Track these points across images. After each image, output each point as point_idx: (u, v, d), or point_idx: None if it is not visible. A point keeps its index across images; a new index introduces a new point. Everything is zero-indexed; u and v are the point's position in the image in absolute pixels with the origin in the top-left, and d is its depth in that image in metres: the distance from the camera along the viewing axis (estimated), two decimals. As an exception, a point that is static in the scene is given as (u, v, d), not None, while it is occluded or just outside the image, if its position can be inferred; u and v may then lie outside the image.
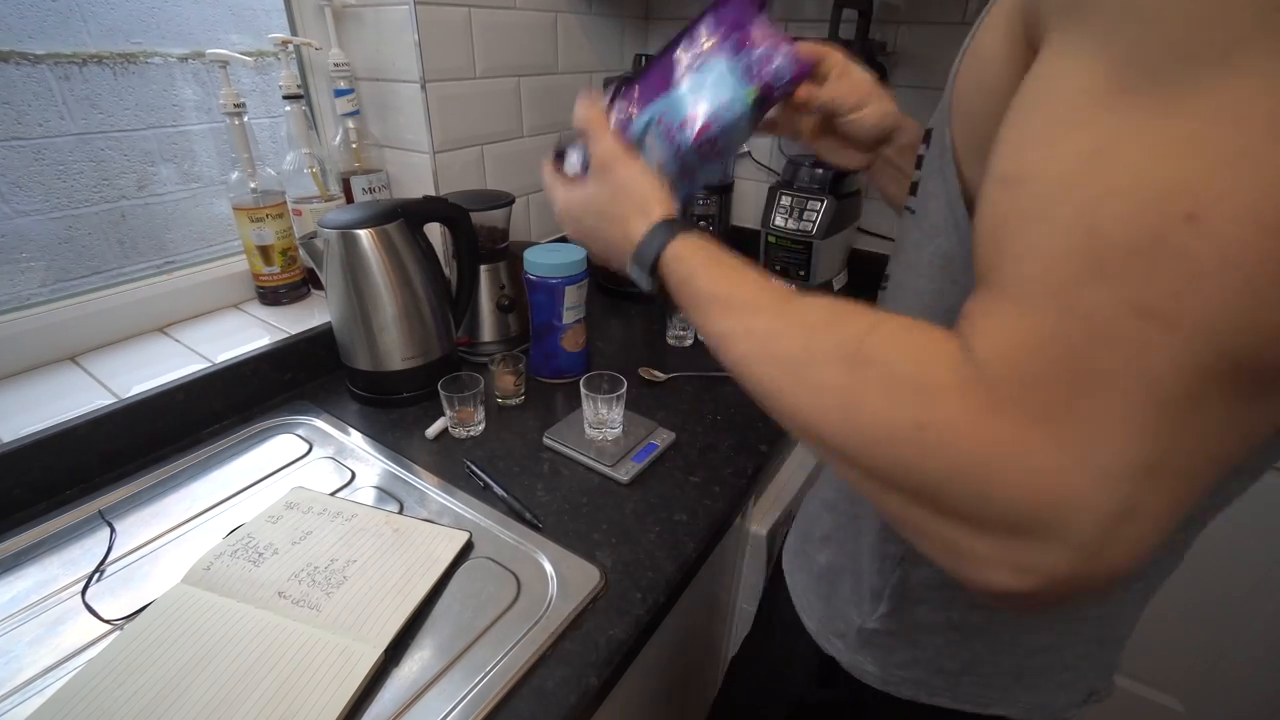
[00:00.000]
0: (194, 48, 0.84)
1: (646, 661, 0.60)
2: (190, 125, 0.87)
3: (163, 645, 0.49)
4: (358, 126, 0.94)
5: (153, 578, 0.57)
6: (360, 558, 0.58)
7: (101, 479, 0.68)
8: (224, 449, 0.74)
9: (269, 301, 0.92)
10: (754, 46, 0.47)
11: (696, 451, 0.75)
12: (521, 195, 1.10)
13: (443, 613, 0.54)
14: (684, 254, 0.42)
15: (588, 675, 0.50)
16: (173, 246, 0.88)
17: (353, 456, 0.73)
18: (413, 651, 0.51)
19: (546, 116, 1.11)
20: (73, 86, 0.75)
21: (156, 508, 0.65)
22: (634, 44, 1.27)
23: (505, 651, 0.51)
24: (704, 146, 0.48)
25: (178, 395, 0.73)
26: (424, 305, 0.79)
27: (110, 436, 0.68)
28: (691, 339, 0.98)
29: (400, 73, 0.89)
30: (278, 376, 0.82)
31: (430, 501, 0.67)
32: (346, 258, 0.74)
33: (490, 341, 0.93)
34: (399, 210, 0.77)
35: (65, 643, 0.51)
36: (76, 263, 0.79)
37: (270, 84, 0.93)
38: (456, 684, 0.48)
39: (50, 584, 0.56)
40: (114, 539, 0.61)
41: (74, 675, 0.47)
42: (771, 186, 1.12)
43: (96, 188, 0.79)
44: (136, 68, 0.80)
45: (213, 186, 0.90)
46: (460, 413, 0.75)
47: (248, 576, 0.55)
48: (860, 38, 0.97)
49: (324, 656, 0.49)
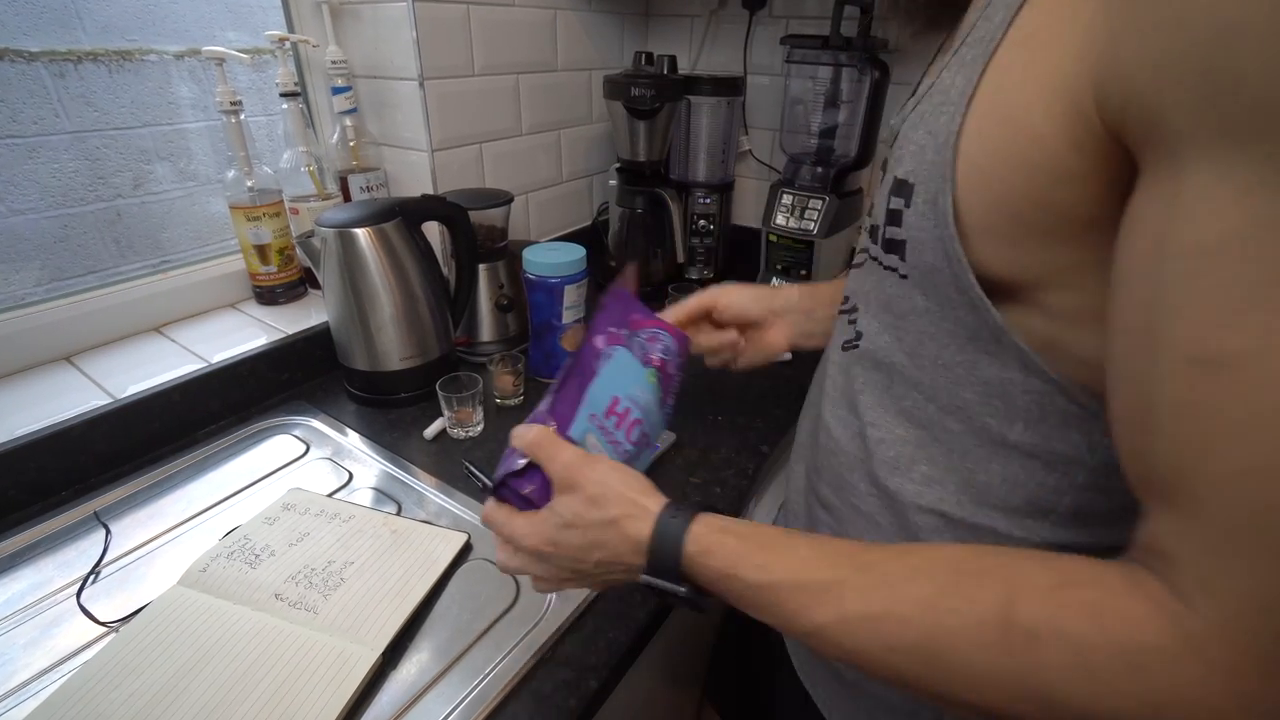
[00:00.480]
0: (190, 45, 0.84)
1: (645, 664, 0.60)
2: (186, 123, 0.86)
3: (159, 648, 0.49)
4: (355, 124, 0.94)
5: (148, 579, 0.57)
6: (358, 559, 0.57)
7: (97, 480, 0.68)
8: (220, 450, 0.74)
9: (266, 301, 0.92)
10: (639, 331, 0.51)
11: (697, 452, 0.75)
12: (520, 194, 1.10)
13: (441, 615, 0.54)
14: (711, 546, 0.36)
15: (587, 678, 0.50)
16: (169, 245, 0.88)
17: (350, 457, 0.73)
18: (411, 654, 0.51)
19: (546, 114, 1.11)
20: (68, 84, 0.75)
21: (152, 509, 0.65)
22: (634, 41, 1.27)
23: (504, 654, 0.51)
24: (636, 435, 0.48)
25: (174, 396, 0.73)
26: (422, 305, 0.79)
27: (106, 437, 0.68)
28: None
29: (398, 70, 0.89)
30: (275, 377, 0.82)
31: (428, 503, 0.67)
32: (344, 257, 0.74)
33: (489, 341, 0.93)
34: (397, 209, 0.77)
35: (60, 645, 0.51)
36: (72, 262, 0.79)
37: (267, 81, 0.93)
38: (455, 686, 0.48)
39: (45, 586, 0.56)
40: (109, 540, 0.61)
41: (69, 678, 0.47)
42: (773, 185, 1.12)
43: (92, 186, 0.79)
44: (132, 65, 0.80)
45: (209, 185, 0.90)
46: (459, 413, 0.75)
47: (244, 578, 0.55)
48: (862, 35, 0.97)
49: (321, 659, 0.48)
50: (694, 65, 1.28)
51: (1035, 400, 0.34)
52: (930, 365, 0.38)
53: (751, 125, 1.27)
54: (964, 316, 0.34)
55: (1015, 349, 0.33)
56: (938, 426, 0.39)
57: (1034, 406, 0.34)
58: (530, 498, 0.41)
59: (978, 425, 0.37)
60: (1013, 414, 0.35)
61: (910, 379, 0.39)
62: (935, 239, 0.33)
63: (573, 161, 1.21)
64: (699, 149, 1.19)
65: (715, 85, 1.13)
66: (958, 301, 0.34)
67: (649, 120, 1.04)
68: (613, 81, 1.02)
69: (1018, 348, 0.33)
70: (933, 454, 0.39)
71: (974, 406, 0.36)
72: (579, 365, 0.46)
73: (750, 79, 1.22)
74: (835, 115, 1.08)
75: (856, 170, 1.09)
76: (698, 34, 1.26)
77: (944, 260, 0.33)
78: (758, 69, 1.22)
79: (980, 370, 0.35)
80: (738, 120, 1.21)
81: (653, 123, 1.04)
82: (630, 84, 1.00)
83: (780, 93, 1.13)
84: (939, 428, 0.39)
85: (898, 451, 0.41)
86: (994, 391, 0.35)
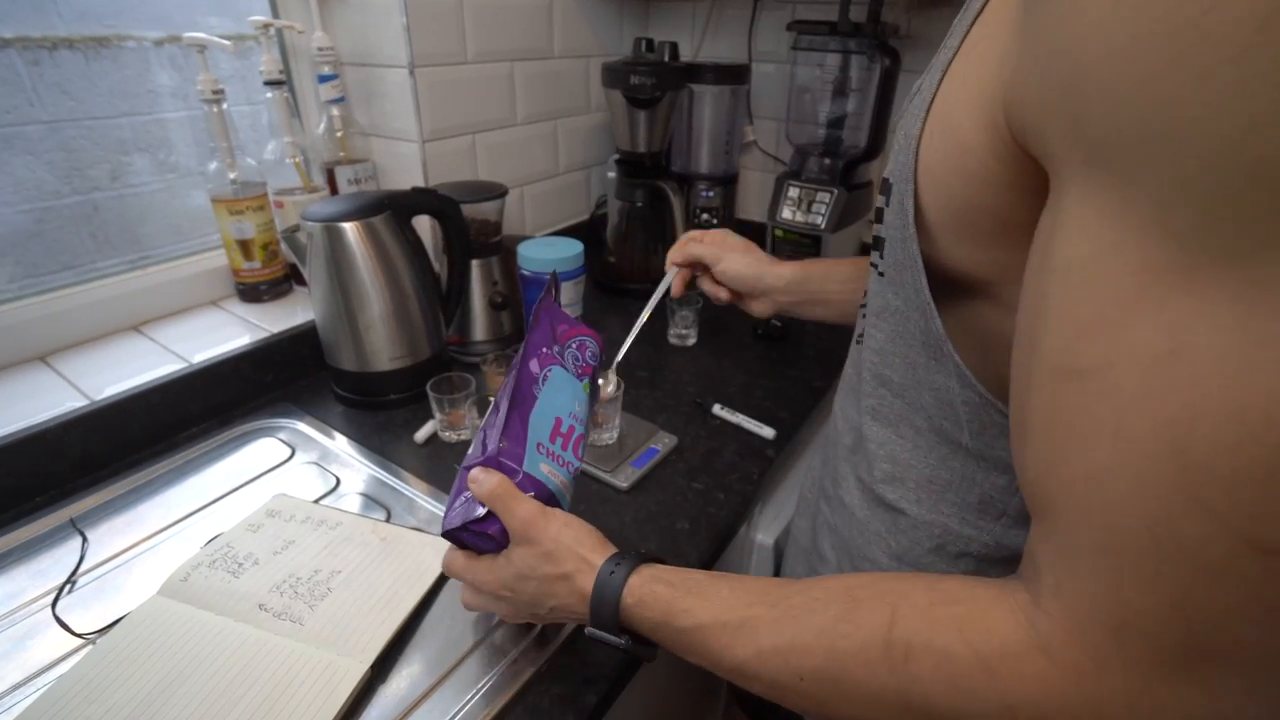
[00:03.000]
0: (170, 31, 0.84)
1: (646, 678, 0.60)
2: (166, 113, 0.86)
3: (137, 661, 0.49)
4: (343, 114, 0.94)
5: (127, 589, 0.57)
6: (345, 568, 0.57)
7: (73, 485, 0.68)
8: (202, 454, 0.74)
9: (249, 298, 0.92)
10: (569, 342, 0.55)
11: (699, 456, 0.75)
12: (515, 187, 1.10)
13: (432, 626, 0.54)
14: (644, 597, 0.40)
15: (585, 692, 0.50)
16: (148, 240, 0.88)
17: (337, 461, 0.73)
18: (400, 667, 0.51)
19: (542, 103, 1.11)
20: (43, 72, 0.75)
21: (131, 515, 0.65)
22: (634, 27, 1.27)
23: (498, 667, 0.51)
24: (581, 449, 0.52)
25: (153, 397, 0.73)
26: (412, 302, 0.79)
27: (82, 440, 0.68)
28: (695, 338, 0.98)
29: (387, 57, 0.89)
30: (258, 377, 0.82)
31: (419, 509, 0.67)
32: (331, 252, 0.74)
33: (482, 340, 0.93)
34: (386, 202, 0.77)
35: (34, 658, 0.51)
36: (47, 257, 0.79)
37: (251, 69, 0.93)
38: (447, 701, 0.48)
39: (18, 596, 0.56)
40: (86, 548, 0.61)
41: (43, 692, 0.47)
42: (778, 177, 1.12)
43: (68, 178, 0.79)
44: (110, 52, 0.80)
45: (190, 177, 0.90)
46: (451, 415, 0.75)
47: (227, 588, 0.55)
48: (872, 21, 0.97)
49: (307, 672, 0.48)
50: (696, 52, 1.28)
51: (973, 412, 0.37)
52: (900, 364, 0.41)
53: (756, 115, 1.27)
54: (919, 320, 0.37)
55: (953, 360, 0.36)
56: (904, 424, 0.42)
57: (973, 418, 0.37)
58: (495, 537, 0.45)
59: (937, 425, 0.40)
60: (960, 421, 0.38)
61: (880, 376, 0.43)
62: (902, 239, 0.36)
63: (570, 153, 1.21)
64: (701, 140, 1.20)
65: (718, 73, 1.13)
66: (915, 303, 0.36)
67: (649, 110, 1.04)
68: (611, 69, 1.03)
69: (954, 360, 0.36)
70: (894, 451, 0.43)
71: (932, 408, 0.40)
72: (518, 394, 0.48)
73: (755, 67, 1.22)
74: (844, 104, 1.08)
75: (866, 162, 1.10)
76: (700, 19, 1.26)
77: (908, 259, 0.36)
78: (763, 56, 1.22)
79: (932, 375, 0.38)
80: (742, 110, 1.22)
81: (653, 112, 1.05)
82: (630, 72, 1.00)
83: (786, 81, 1.13)
84: (905, 425, 0.42)
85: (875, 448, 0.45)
86: (943, 398, 0.38)
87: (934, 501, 0.42)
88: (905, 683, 0.29)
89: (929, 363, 0.38)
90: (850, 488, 0.48)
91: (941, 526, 0.42)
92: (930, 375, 0.38)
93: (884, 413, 0.43)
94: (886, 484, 0.44)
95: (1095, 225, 0.23)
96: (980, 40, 0.31)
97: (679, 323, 0.98)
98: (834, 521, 0.52)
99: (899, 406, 0.42)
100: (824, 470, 0.54)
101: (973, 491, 0.40)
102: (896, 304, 0.39)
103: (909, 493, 0.43)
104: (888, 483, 0.44)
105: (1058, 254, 0.25)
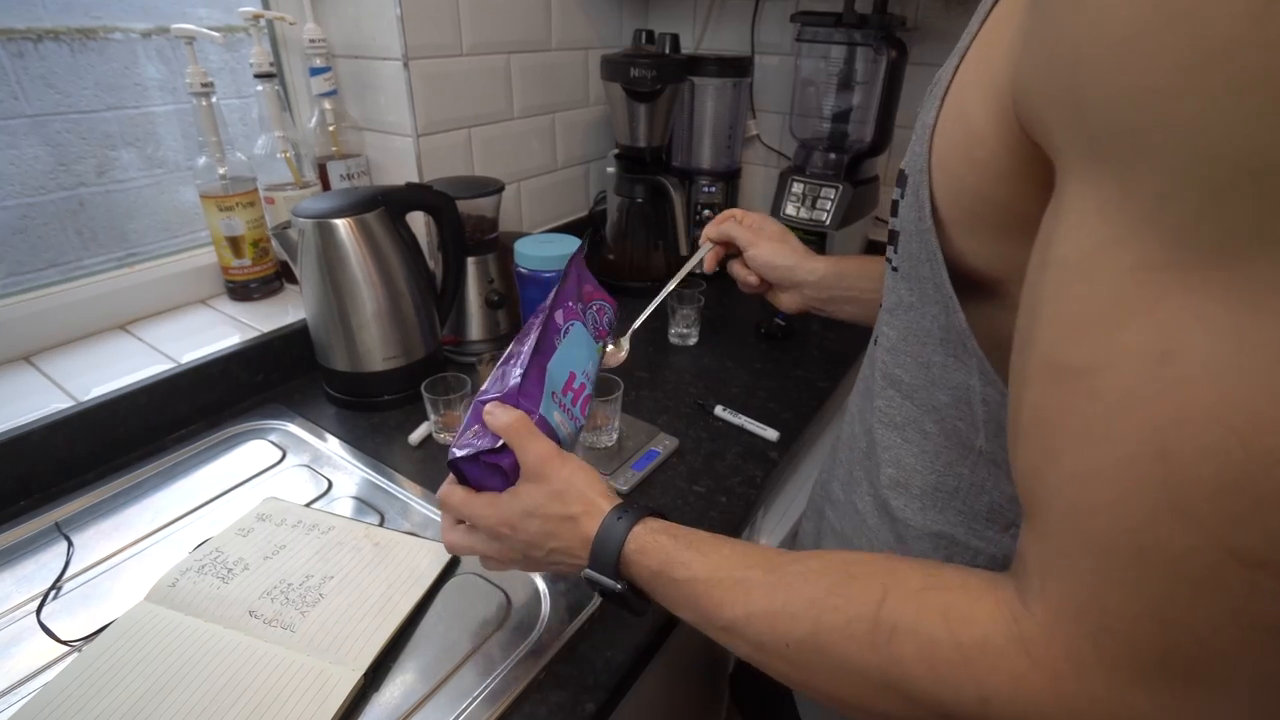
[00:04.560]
0: (158, 22, 0.84)
1: (646, 686, 0.60)
2: (154, 106, 0.86)
3: (124, 668, 0.49)
4: (335, 107, 0.94)
5: (113, 595, 0.57)
6: (338, 573, 0.57)
7: (58, 489, 0.68)
8: (190, 456, 0.74)
9: (239, 297, 0.92)
10: (591, 303, 0.57)
11: (701, 459, 0.75)
12: (512, 182, 1.10)
13: (427, 633, 0.54)
14: (647, 545, 0.41)
15: (584, 701, 0.50)
16: (135, 237, 0.88)
17: (329, 464, 0.73)
18: (395, 675, 0.51)
19: (539, 96, 1.11)
20: (27, 64, 0.75)
21: (117, 519, 0.65)
22: (634, 18, 1.27)
23: (495, 675, 0.50)
24: (587, 408, 0.53)
25: (140, 398, 0.73)
26: (406, 301, 0.79)
27: (67, 443, 0.68)
28: (696, 337, 0.98)
29: (381, 49, 0.89)
30: (248, 378, 0.82)
31: (413, 513, 0.67)
32: (323, 250, 0.74)
33: (478, 340, 0.93)
34: (379, 198, 0.77)
35: (18, 666, 0.51)
36: (31, 255, 0.79)
37: (240, 62, 0.93)
38: (442, 709, 0.48)
39: (2, 602, 0.56)
40: (71, 553, 0.61)
41: (27, 701, 0.47)
42: (782, 172, 1.12)
43: (53, 174, 0.79)
44: (96, 44, 0.80)
45: (178, 172, 0.90)
46: (446, 417, 0.75)
47: (216, 594, 0.55)
48: (878, 12, 0.97)
49: (299, 680, 0.48)
50: (698, 44, 1.28)
51: (992, 411, 0.37)
52: (911, 363, 0.40)
53: (759, 108, 1.27)
54: (938, 315, 0.36)
55: (976, 356, 0.35)
56: (911, 428, 0.42)
57: (991, 418, 0.37)
58: (506, 470, 0.45)
59: (949, 427, 0.39)
60: (977, 422, 0.38)
61: (890, 376, 0.42)
62: (918, 231, 0.35)
63: (568, 147, 1.21)
64: (703, 134, 1.20)
65: (721, 66, 1.13)
66: (934, 298, 0.36)
67: (650, 103, 1.04)
68: (611, 62, 1.03)
69: (978, 355, 0.35)
70: (899, 455, 0.43)
71: (946, 409, 0.39)
72: (542, 341, 0.49)
73: (758, 59, 1.22)
74: (849, 98, 1.08)
75: (872, 157, 1.10)
76: (702, 11, 1.26)
77: (925, 253, 0.35)
78: (766, 48, 1.22)
79: (950, 373, 0.38)
80: (745, 103, 1.22)
81: (653, 106, 1.05)
82: (630, 64, 1.00)
83: (790, 74, 1.13)
84: (912, 429, 0.42)
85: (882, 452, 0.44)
86: (961, 397, 0.38)
87: (939, 510, 0.42)
88: (887, 662, 0.30)
89: (946, 360, 0.38)
90: (864, 494, 0.48)
91: (948, 538, 0.42)
92: (947, 373, 0.38)
93: (891, 415, 0.43)
94: (891, 489, 0.44)
95: (1094, 220, 0.23)
96: (997, 24, 0.31)
97: (680, 321, 0.98)
98: (840, 527, 0.51)
99: (907, 409, 0.42)
100: (834, 474, 0.54)
101: (981, 499, 0.40)
102: (910, 299, 0.38)
103: (913, 500, 0.43)
104: (892, 488, 0.44)
105: (1056, 248, 0.25)
